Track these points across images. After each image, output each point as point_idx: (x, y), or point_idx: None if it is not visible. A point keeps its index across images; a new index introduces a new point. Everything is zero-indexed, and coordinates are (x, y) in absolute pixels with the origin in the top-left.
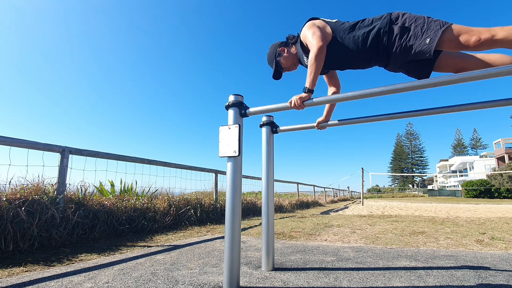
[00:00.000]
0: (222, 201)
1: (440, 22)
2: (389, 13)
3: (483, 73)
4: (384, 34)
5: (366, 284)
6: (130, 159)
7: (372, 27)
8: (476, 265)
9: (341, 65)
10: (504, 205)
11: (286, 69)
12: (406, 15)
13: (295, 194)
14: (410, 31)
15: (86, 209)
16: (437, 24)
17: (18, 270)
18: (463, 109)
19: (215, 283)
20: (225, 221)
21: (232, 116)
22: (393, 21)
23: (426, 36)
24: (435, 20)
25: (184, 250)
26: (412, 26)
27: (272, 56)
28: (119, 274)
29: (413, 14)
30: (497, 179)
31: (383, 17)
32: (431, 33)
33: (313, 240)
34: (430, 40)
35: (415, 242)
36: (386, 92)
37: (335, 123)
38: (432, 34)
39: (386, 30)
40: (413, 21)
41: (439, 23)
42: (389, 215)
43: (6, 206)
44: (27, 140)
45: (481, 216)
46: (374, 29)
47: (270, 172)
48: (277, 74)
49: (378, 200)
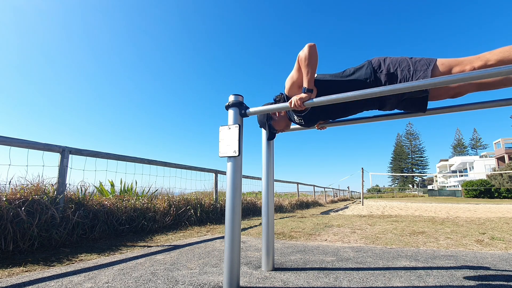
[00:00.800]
0: (222, 201)
1: (425, 61)
2: (368, 61)
3: (483, 73)
4: (372, 83)
5: (366, 284)
6: (130, 159)
7: (356, 77)
8: (476, 265)
9: (330, 116)
10: (504, 205)
11: (279, 131)
12: (388, 61)
13: (295, 194)
14: (398, 76)
15: (86, 209)
16: (423, 64)
17: (18, 270)
18: (463, 109)
19: (215, 283)
20: (225, 221)
21: (232, 116)
22: (376, 70)
23: (416, 78)
24: (419, 59)
25: (184, 250)
26: (398, 71)
27: (263, 120)
28: (119, 274)
29: (393, 57)
30: (497, 179)
31: (364, 66)
32: (420, 74)
33: (313, 240)
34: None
35: (415, 242)
36: (386, 92)
37: (335, 123)
38: (422, 74)
39: (373, 80)
40: (397, 66)
41: (424, 63)
42: (389, 215)
43: (6, 206)
44: (27, 140)
45: (481, 216)
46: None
47: (270, 172)
48: (271, 136)
49: (378, 200)
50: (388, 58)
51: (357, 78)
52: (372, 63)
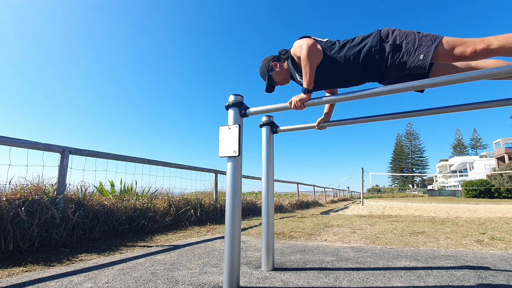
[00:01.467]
0: (222, 201)
1: (431, 37)
2: (378, 31)
3: (483, 73)
4: (376, 52)
5: (366, 284)
6: (130, 159)
7: (363, 45)
8: (476, 265)
9: (333, 84)
10: (504, 205)
11: (278, 83)
12: (396, 32)
13: (295, 194)
14: (402, 48)
15: (86, 209)
16: (429, 40)
17: (18, 270)
18: (463, 109)
19: (215, 283)
20: (225, 221)
21: (232, 116)
22: (383, 39)
23: (419, 52)
24: (425, 35)
25: (184, 250)
26: (404, 43)
27: (264, 70)
28: (119, 274)
29: (403, 30)
30: (497, 179)
31: (372, 35)
32: (423, 49)
33: (313, 240)
34: (423, 56)
35: (415, 242)
36: (386, 92)
37: (335, 123)
38: (425, 50)
39: (378, 49)
40: (404, 38)
41: (430, 38)
42: (389, 215)
43: (6, 206)
44: (27, 140)
45: (481, 216)
46: (365, 48)
47: (270, 172)
48: (270, 87)
49: (378, 200)
50: (397, 30)
51: (363, 46)
52: (380, 33)
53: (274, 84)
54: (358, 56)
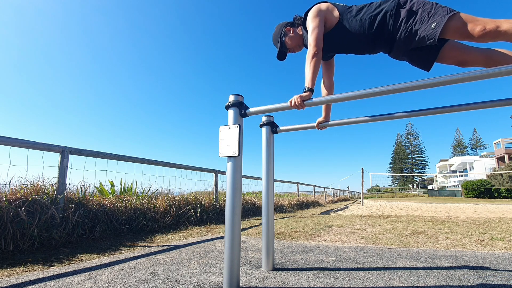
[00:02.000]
0: (222, 201)
1: (447, 9)
2: None
3: (483, 73)
4: (391, 17)
5: (366, 284)
6: (130, 159)
7: (380, 9)
8: (476, 265)
9: (345, 49)
10: (504, 205)
11: (290, 49)
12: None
13: (295, 194)
14: (417, 15)
15: (86, 209)
16: (444, 10)
17: (18, 270)
18: (463, 109)
19: (215, 283)
20: (225, 221)
21: (232, 116)
22: (401, 5)
23: (432, 21)
24: (442, 6)
25: (184, 250)
26: (420, 10)
27: (277, 36)
28: (119, 274)
29: None
30: (497, 179)
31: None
32: (437, 18)
33: (313, 240)
34: (435, 25)
35: (415, 242)
36: (386, 92)
37: (335, 123)
38: (439, 19)
39: (393, 13)
40: (421, 6)
41: (446, 10)
42: (389, 215)
43: (6, 206)
44: (27, 140)
45: (481, 216)
46: (381, 12)
47: (270, 172)
48: (281, 54)
49: (378, 200)
50: None
51: (380, 10)
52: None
53: (286, 51)
54: (374, 21)
